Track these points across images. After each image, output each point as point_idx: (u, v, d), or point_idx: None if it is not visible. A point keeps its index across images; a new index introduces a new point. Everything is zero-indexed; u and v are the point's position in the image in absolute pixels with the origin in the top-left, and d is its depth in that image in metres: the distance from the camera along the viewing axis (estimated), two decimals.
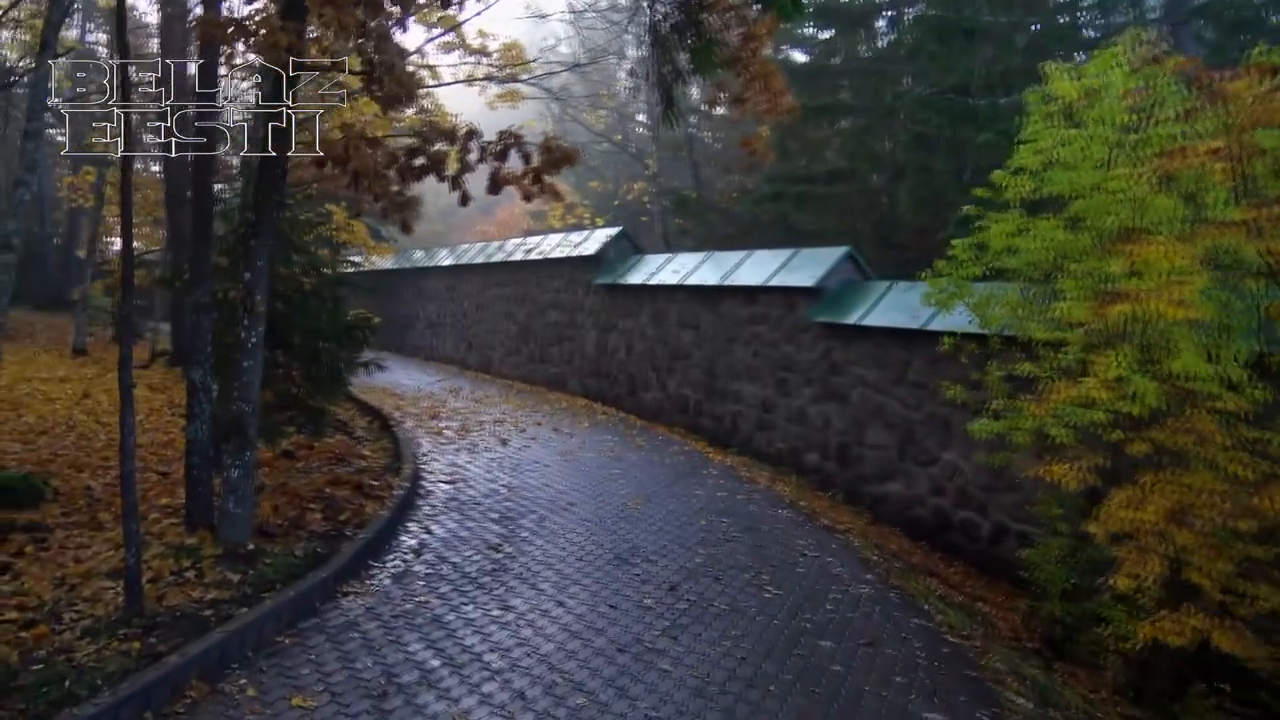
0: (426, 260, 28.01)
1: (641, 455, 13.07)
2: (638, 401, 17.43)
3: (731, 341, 14.85)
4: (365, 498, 9.54)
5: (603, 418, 16.47)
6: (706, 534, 9.13)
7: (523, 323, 22.13)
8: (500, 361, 23.06)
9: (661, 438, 14.69)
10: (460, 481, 10.90)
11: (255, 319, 7.93)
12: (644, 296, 17.50)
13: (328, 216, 18.66)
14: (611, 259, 19.15)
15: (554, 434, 14.47)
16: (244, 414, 7.89)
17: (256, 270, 7.92)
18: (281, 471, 10.94)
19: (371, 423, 14.90)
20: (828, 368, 12.71)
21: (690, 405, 15.84)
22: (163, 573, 7.29)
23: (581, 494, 10.54)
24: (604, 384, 18.64)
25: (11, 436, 11.29)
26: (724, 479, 11.80)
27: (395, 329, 29.18)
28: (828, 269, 13.17)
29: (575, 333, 19.86)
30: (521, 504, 9.96)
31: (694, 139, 25.90)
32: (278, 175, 8.03)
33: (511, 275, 22.91)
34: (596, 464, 12.29)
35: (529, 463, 12.17)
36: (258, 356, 7.98)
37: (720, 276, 15.22)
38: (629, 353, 17.87)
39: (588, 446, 13.51)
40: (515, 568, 7.79)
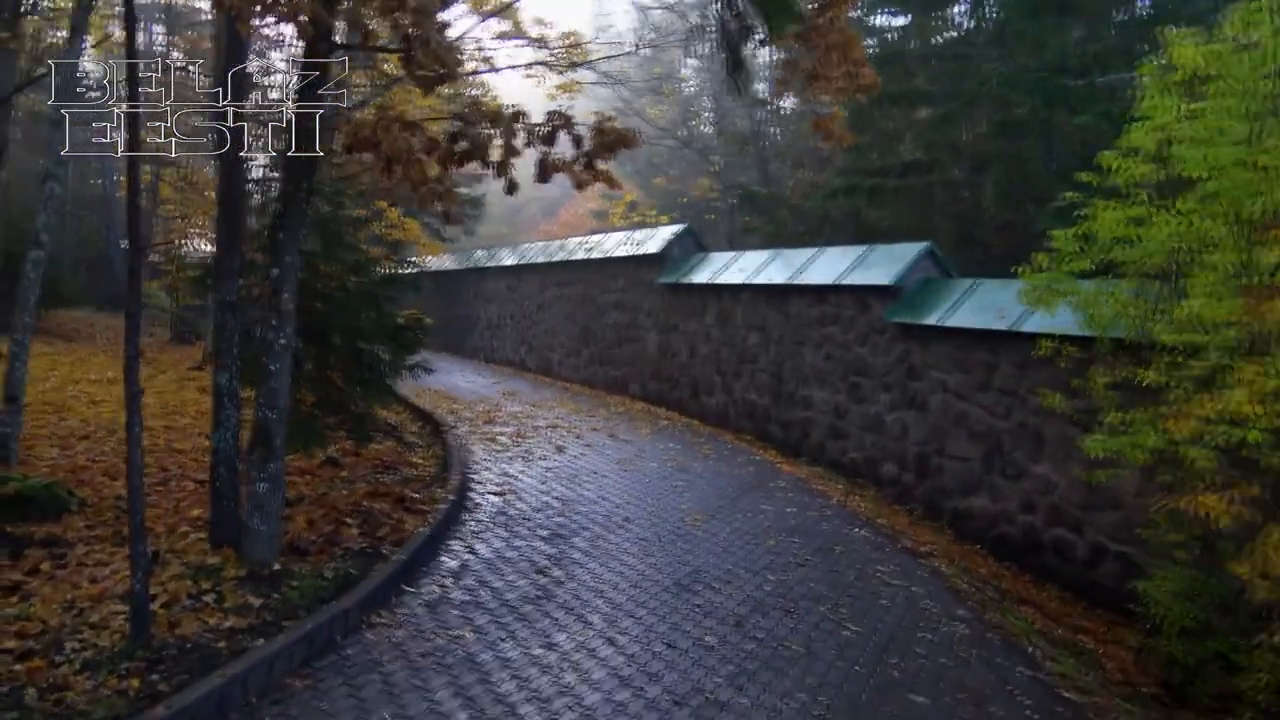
0: (487, 260, 27.43)
1: (706, 465, 12.19)
2: (701, 406, 16.55)
3: (801, 344, 13.90)
4: (406, 511, 8.81)
5: (665, 424, 15.62)
6: (776, 557, 8.21)
7: (583, 324, 21.38)
8: (560, 364, 22.35)
9: (727, 446, 13.79)
10: (510, 493, 10.13)
11: (283, 319, 7.22)
12: (708, 296, 16.62)
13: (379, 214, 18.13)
14: (675, 258, 18.30)
15: (612, 441, 13.66)
16: (270, 422, 7.19)
17: (285, 266, 7.22)
18: (324, 480, 10.28)
19: (423, 427, 14.24)
20: (905, 372, 11.71)
21: (757, 411, 14.92)
22: (179, 595, 6.61)
23: (639, 508, 9.69)
24: (666, 388, 17.79)
25: (50, 441, 10.79)
26: (794, 492, 10.87)
27: (456, 330, 28.68)
28: (905, 266, 12.16)
29: (637, 334, 19.05)
30: (574, 519, 9.15)
31: (762, 133, 24.91)
32: (306, 163, 7.32)
33: (572, 275, 22.19)
34: (657, 474, 11.44)
35: (585, 473, 11.37)
36: (286, 360, 7.28)
37: (789, 275, 14.28)
38: (692, 355, 17.00)
39: (648, 455, 12.66)
40: (562, 595, 6.96)
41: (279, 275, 7.20)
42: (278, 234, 7.25)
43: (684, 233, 18.75)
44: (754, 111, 24.62)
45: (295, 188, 7.27)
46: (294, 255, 7.30)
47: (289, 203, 7.26)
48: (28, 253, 8.83)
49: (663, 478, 11.28)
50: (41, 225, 8.67)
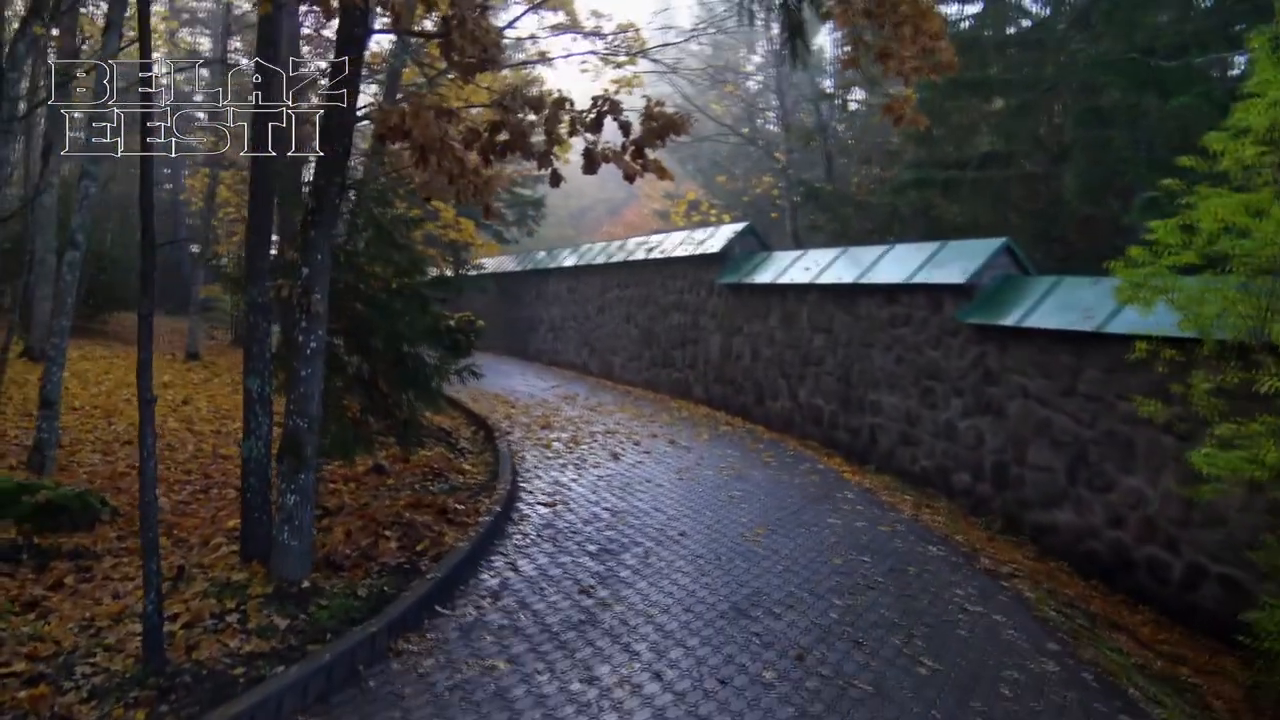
0: (548, 262, 26.99)
1: (767, 474, 11.51)
2: (765, 411, 15.87)
3: (869, 346, 13.15)
4: (449, 523, 8.31)
5: (726, 429, 14.97)
6: (843, 578, 7.51)
7: (644, 326, 20.81)
8: (621, 367, 21.81)
9: (791, 453, 13.09)
10: (560, 504, 9.58)
11: (313, 321, 6.76)
12: (772, 297, 15.92)
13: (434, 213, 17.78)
14: (737, 257, 17.63)
15: (671, 447, 13.05)
16: (300, 430, 6.73)
17: (315, 265, 6.76)
18: (369, 489, 9.86)
19: (476, 433, 13.79)
20: (981, 376, 10.92)
21: (824, 417, 14.19)
22: (202, 615, 6.18)
23: (696, 521, 9.07)
24: (729, 391, 17.13)
25: (94, 447, 10.55)
26: (862, 504, 10.15)
27: (518, 332, 28.33)
28: (981, 263, 11.36)
29: (698, 336, 18.41)
30: (625, 533, 8.56)
31: (827, 129, 24.04)
32: (338, 155, 6.86)
33: (633, 276, 21.63)
34: (716, 484, 10.80)
35: (640, 481, 10.77)
36: (317, 365, 6.81)
37: (857, 274, 13.54)
38: (755, 358, 16.32)
39: (707, 463, 12.03)
40: (608, 620, 6.36)
41: (309, 275, 6.74)
42: (308, 231, 6.80)
43: (745, 231, 18.07)
44: (819, 106, 23.79)
45: (327, 182, 6.81)
46: (325, 254, 6.84)
47: (320, 198, 6.80)
48: (63, 254, 8.53)
49: (722, 487, 10.64)
50: (77, 225, 8.35)
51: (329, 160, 6.84)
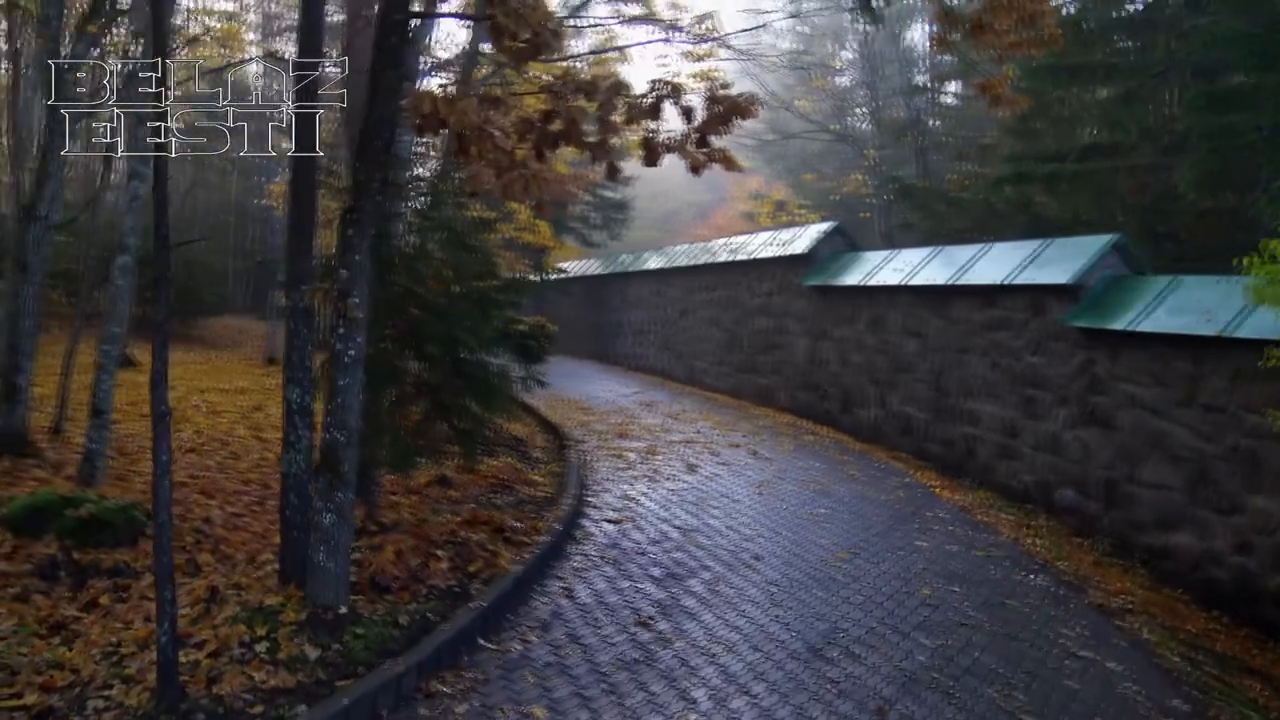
0: (632, 264, 26.44)
1: (853, 489, 10.71)
2: (853, 420, 15.02)
3: (964, 351, 12.23)
4: (505, 543, 7.76)
5: (810, 439, 14.16)
6: (932, 612, 6.71)
7: (729, 329, 20.09)
8: (705, 372, 21.12)
9: (879, 465, 12.24)
10: (628, 521, 8.97)
11: (353, 328, 6.27)
12: (860, 299, 15.07)
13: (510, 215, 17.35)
14: (824, 258, 16.80)
15: (751, 459, 12.33)
16: (337, 444, 6.24)
17: (354, 267, 6.26)
18: (430, 502, 9.40)
19: (550, 441, 13.27)
20: (1087, 384, 9.95)
21: (915, 426, 13.29)
22: (229, 642, 5.73)
23: (772, 542, 8.35)
24: (815, 399, 16.31)
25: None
26: (955, 524, 9.28)
27: (602, 336, 27.87)
28: (1088, 262, 10.38)
29: (784, 340, 17.63)
30: (695, 555, 7.89)
31: (920, 123, 22.93)
32: (378, 149, 6.35)
33: (717, 278, 20.93)
34: (797, 500, 10.06)
35: (715, 496, 10.09)
36: (356, 375, 6.32)
37: (951, 275, 12.62)
38: (843, 364, 15.48)
39: (788, 476, 11.28)
40: (665, 659, 5.71)
41: (348, 277, 6.25)
42: (346, 231, 6.31)
43: (833, 231, 17.22)
44: (911, 100, 22.67)
45: (367, 178, 6.31)
46: (366, 255, 6.34)
47: (361, 195, 6.30)
48: (115, 259, 8.25)
49: (803, 503, 9.89)
50: (128, 228, 8.07)
51: (370, 155, 6.35)
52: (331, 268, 7.74)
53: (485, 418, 9.04)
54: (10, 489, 8.23)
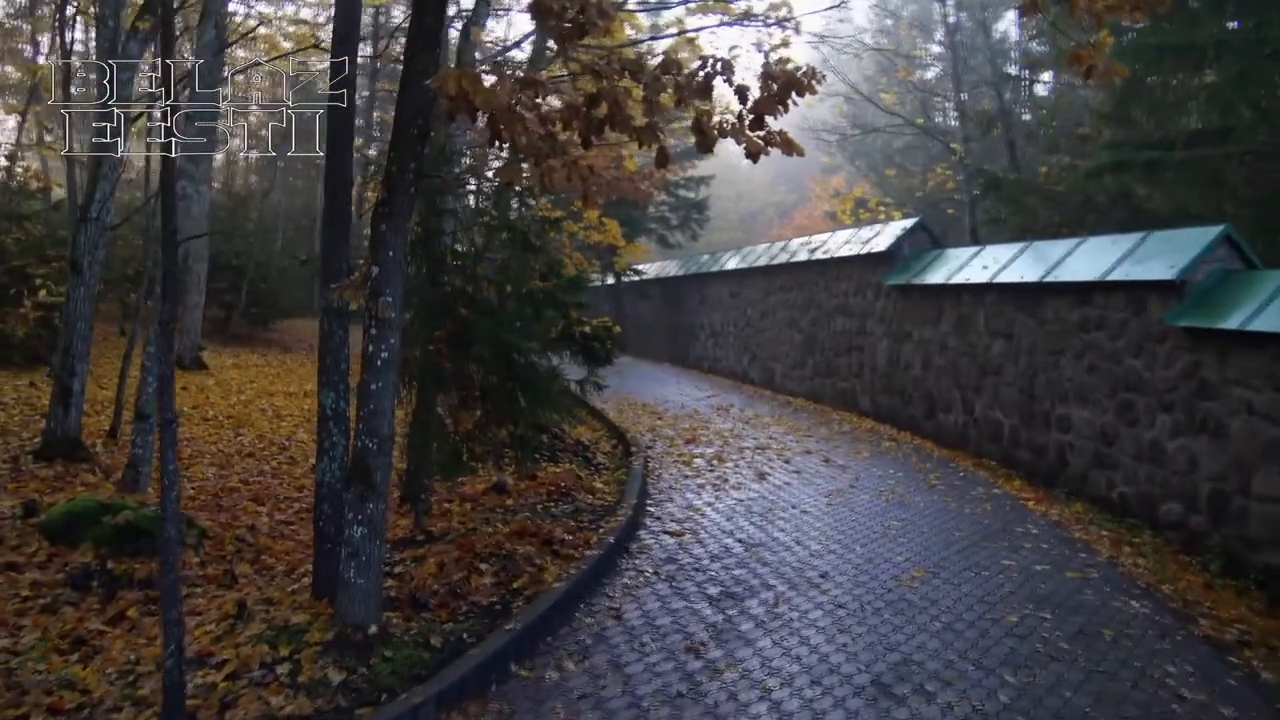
0: (710, 265, 25.85)
1: (933, 500, 10.00)
2: (937, 425, 14.23)
3: (1056, 353, 11.39)
4: (554, 556, 7.31)
5: (890, 445, 13.43)
6: (1019, 643, 6.01)
7: (807, 331, 19.39)
8: (784, 375, 20.45)
9: (963, 475, 11.47)
10: (689, 533, 8.44)
11: (385, 328, 5.89)
12: (945, 298, 14.28)
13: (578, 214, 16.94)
14: (906, 256, 16.02)
15: (825, 466, 11.69)
16: (368, 453, 5.85)
17: (386, 263, 5.88)
18: (483, 511, 9.01)
19: (616, 446, 12.81)
20: (1194, 389, 9.08)
21: (1003, 433, 12.47)
22: (250, 663, 5.39)
23: (842, 559, 7.73)
24: (898, 403, 15.54)
25: (211, 459, 10.16)
26: (1046, 541, 8.51)
27: (679, 339, 27.37)
28: (1195, 256, 9.49)
29: (864, 342, 16.88)
30: (757, 572, 7.32)
31: (1010, 113, 21.77)
32: (413, 138, 5.97)
33: (795, 278, 20.25)
34: (871, 512, 9.40)
35: (784, 507, 9.50)
36: (389, 378, 5.93)
37: (1042, 271, 11.79)
38: (926, 367, 14.70)
39: (864, 485, 10.62)
40: (713, 693, 5.16)
41: (379, 275, 5.87)
42: (379, 226, 5.93)
43: (915, 227, 16.42)
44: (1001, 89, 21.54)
45: (400, 169, 5.93)
46: (400, 251, 5.95)
47: (393, 187, 5.92)
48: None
49: (877, 515, 9.23)
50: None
51: (404, 144, 5.97)
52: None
53: (543, 422, 8.62)
54: (57, 494, 8.10)
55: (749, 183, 60.67)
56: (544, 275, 12.74)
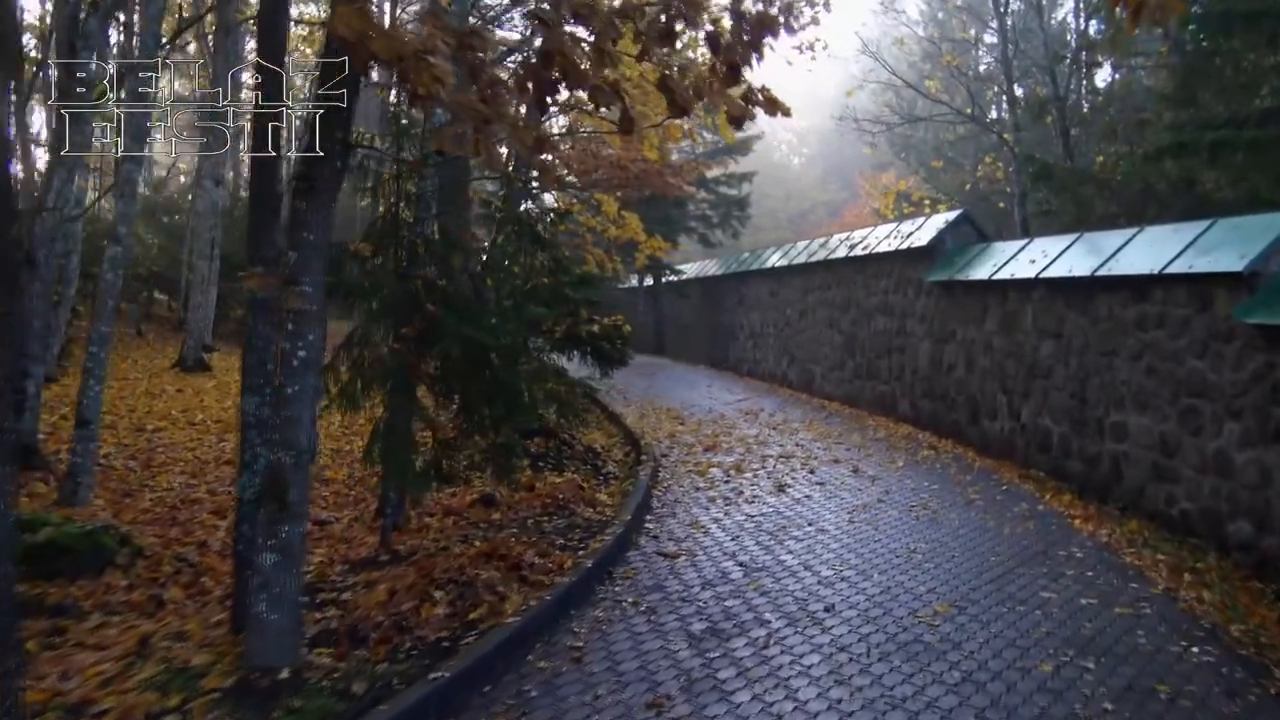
0: (750, 263, 24.79)
1: (968, 517, 8.94)
2: (981, 432, 13.12)
3: (1110, 354, 10.26)
4: (521, 582, 6.44)
5: (928, 454, 12.35)
6: (1052, 702, 4.90)
7: (847, 332, 18.31)
8: (823, 378, 19.38)
9: (1006, 488, 10.37)
10: (686, 554, 7.52)
11: (303, 322, 5.06)
12: (990, 295, 13.16)
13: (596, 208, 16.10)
14: (948, 250, 14.90)
15: (853, 477, 10.67)
16: (283, 468, 5.03)
17: (306, 247, 5.05)
18: (464, 526, 8.19)
19: (629, 454, 11.91)
20: (1266, 393, 7.92)
21: (1051, 441, 11.35)
22: (133, 714, 4.59)
23: (854, 588, 6.73)
24: (941, 408, 14.43)
25: (185, 466, 9.48)
26: (1094, 567, 7.40)
27: (718, 341, 26.37)
28: (1267, 245, 8.30)
29: (905, 343, 15.78)
30: (753, 603, 6.37)
31: (1063, 99, 20.27)
32: (337, 100, 5.15)
33: (835, 276, 19.18)
34: (896, 530, 8.38)
35: (799, 524, 8.53)
36: (308, 381, 5.10)
37: (1094, 264, 10.67)
38: (969, 369, 13.59)
39: (893, 499, 9.60)
40: None
41: (297, 260, 5.05)
42: (297, 203, 5.11)
43: (959, 220, 15.28)
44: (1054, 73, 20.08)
45: (324, 136, 5.11)
46: (322, 232, 5.12)
47: (314, 163, 5.10)
48: (105, 251, 7.34)
49: (903, 534, 8.21)
50: (119, 216, 7.13)
51: (329, 113, 5.14)
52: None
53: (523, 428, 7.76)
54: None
55: (798, 182, 59.44)
56: (552, 271, 11.92)
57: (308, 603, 6.14)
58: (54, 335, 14.17)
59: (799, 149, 70.17)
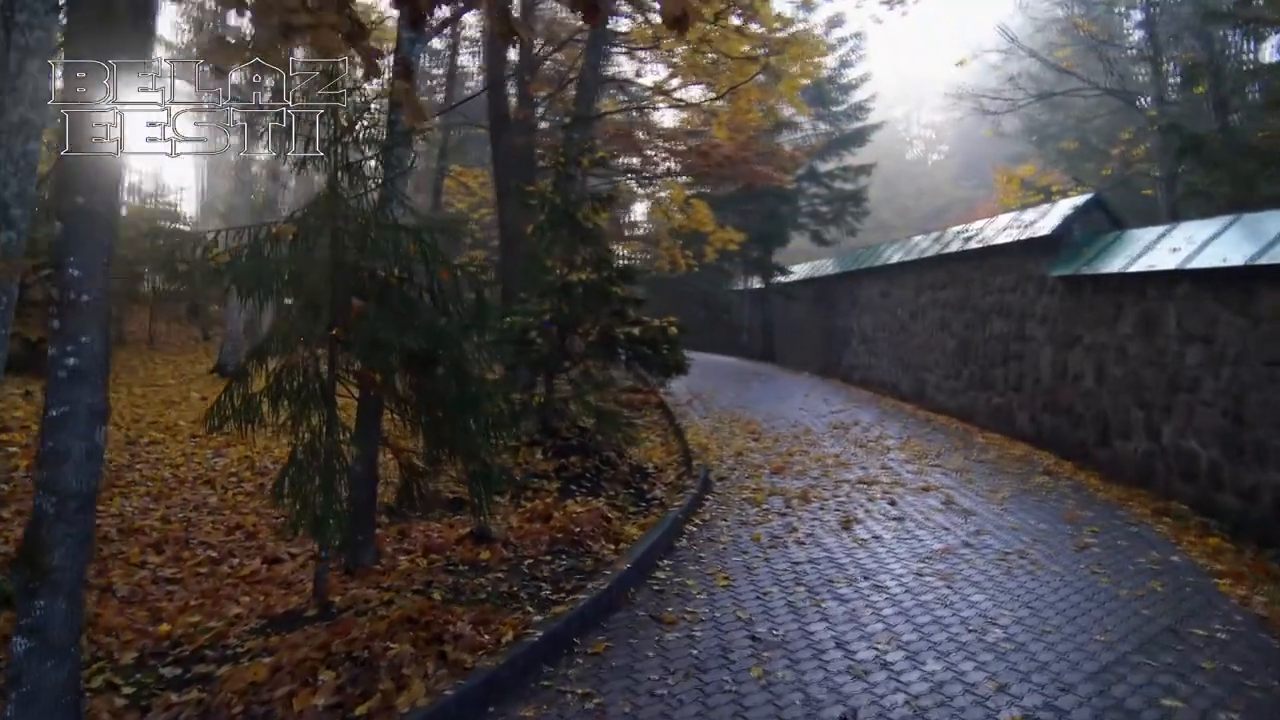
0: (864, 260, 22.57)
1: (1078, 571, 6.91)
2: (1112, 455, 10.89)
3: (1274, 364, 8.05)
4: (439, 660, 4.89)
5: (1042, 481, 10.22)
6: None
7: (961, 335, 16.10)
8: (935, 388, 17.19)
9: (1133, 528, 8.23)
10: (688, 620, 5.81)
11: (73, 318, 3.68)
12: (1124, 292, 10.93)
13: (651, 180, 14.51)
14: (1076, 240, 12.64)
15: (941, 511, 8.74)
16: (44, 520, 3.65)
17: (79, 216, 3.67)
18: (437, 571, 6.73)
19: (683, 475, 10.23)
20: None
21: (1199, 468, 9.12)
22: None
23: (894, 680, 4.85)
24: (1064, 424, 12.21)
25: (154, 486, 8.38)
26: (1244, 658, 5.27)
27: (831, 346, 24.28)
28: None
29: (1024, 348, 13.57)
30: (745, 703, 4.64)
31: (1220, 64, 17.32)
32: None
33: (947, 273, 16.97)
34: (977, 589, 6.45)
35: (851, 577, 6.71)
36: (80, 398, 3.71)
37: (1254, 252, 8.45)
38: (1099, 379, 11.36)
39: (984, 542, 7.64)
40: None
41: (63, 233, 3.67)
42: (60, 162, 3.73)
43: (1089, 204, 12.97)
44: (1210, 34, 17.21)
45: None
46: (101, 197, 3.73)
47: None
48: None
49: (983, 597, 6.26)
50: (12, 196, 5.97)
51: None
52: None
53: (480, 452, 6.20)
54: None
55: (930, 178, 56.29)
56: (596, 265, 10.40)
57: (177, 677, 4.79)
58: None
59: (936, 145, 66.85)
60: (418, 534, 7.67)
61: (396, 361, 5.74)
